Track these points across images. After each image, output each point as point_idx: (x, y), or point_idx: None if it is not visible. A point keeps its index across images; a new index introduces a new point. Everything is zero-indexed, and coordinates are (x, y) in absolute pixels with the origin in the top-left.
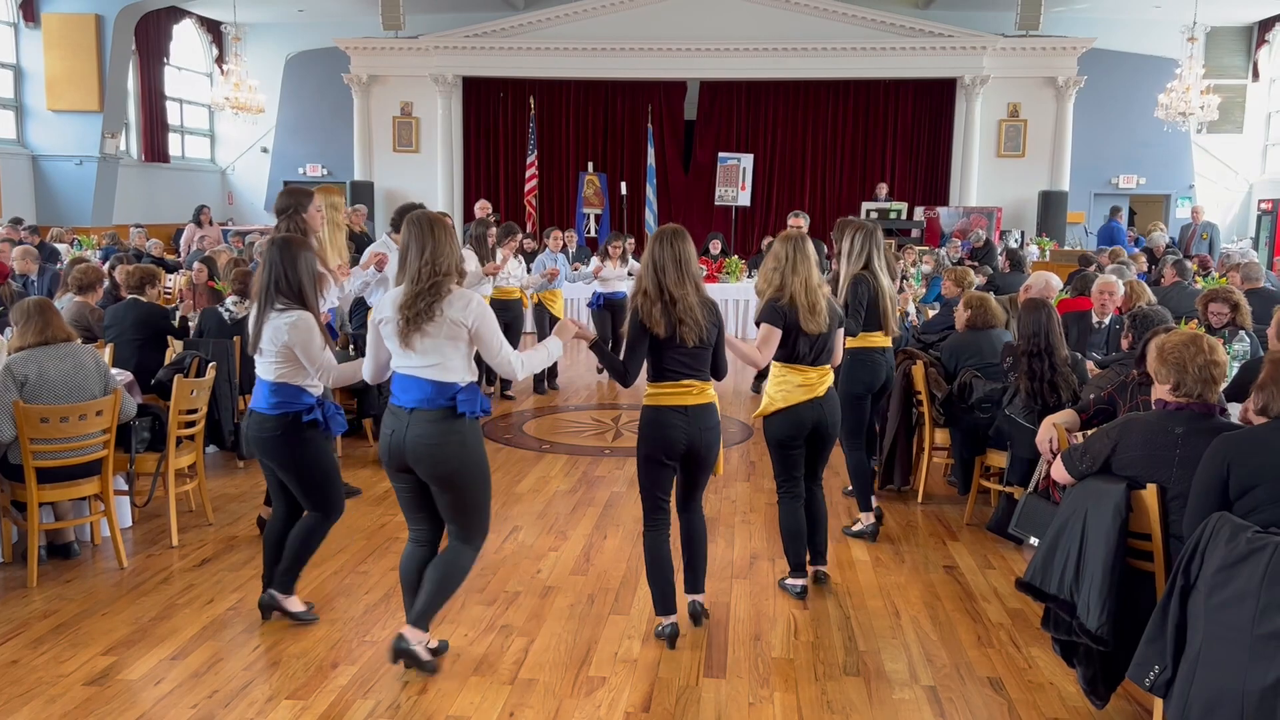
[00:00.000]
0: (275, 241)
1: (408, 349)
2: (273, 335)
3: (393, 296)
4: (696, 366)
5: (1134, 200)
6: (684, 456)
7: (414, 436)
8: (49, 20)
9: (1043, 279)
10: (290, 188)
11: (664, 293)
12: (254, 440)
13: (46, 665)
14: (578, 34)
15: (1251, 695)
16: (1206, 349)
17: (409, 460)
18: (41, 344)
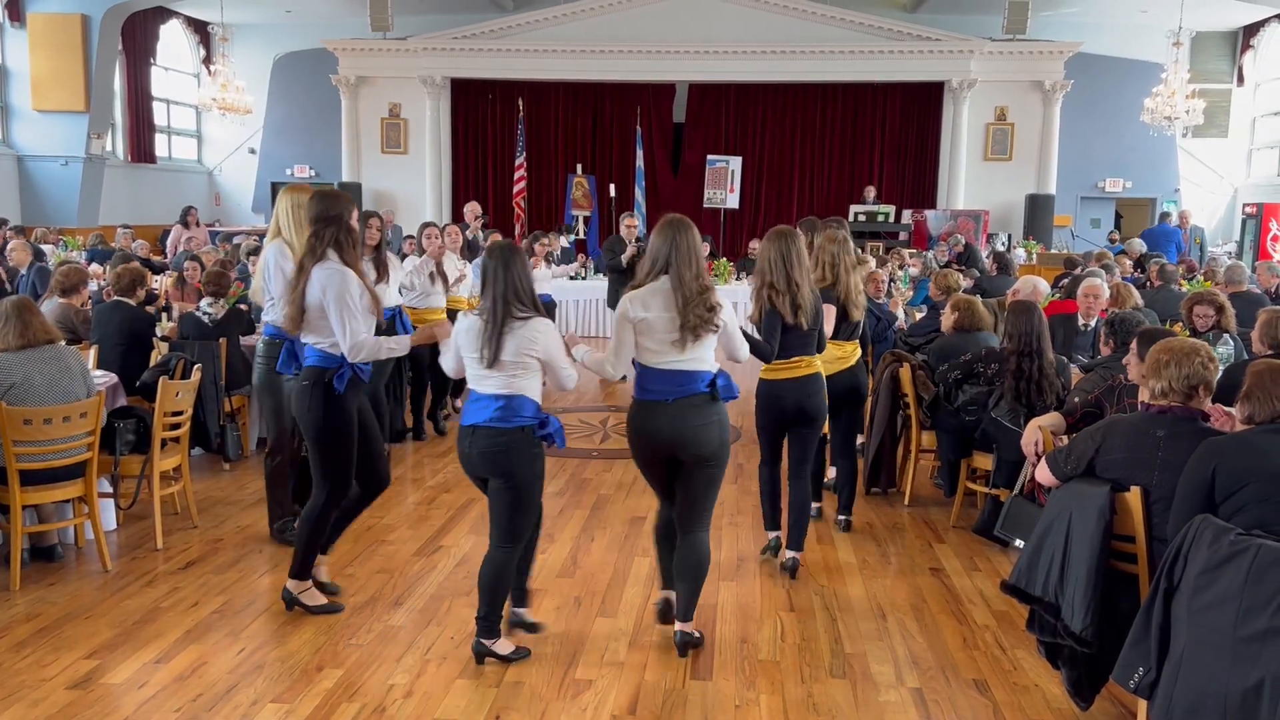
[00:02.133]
0: (500, 250)
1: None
2: (520, 345)
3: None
4: (807, 345)
5: (1120, 204)
6: (794, 420)
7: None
8: (34, 20)
9: (1030, 283)
10: (327, 192)
11: (791, 284)
12: (481, 456)
13: (29, 669)
14: (566, 36)
15: (1234, 697)
16: (1201, 356)
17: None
18: (23, 347)
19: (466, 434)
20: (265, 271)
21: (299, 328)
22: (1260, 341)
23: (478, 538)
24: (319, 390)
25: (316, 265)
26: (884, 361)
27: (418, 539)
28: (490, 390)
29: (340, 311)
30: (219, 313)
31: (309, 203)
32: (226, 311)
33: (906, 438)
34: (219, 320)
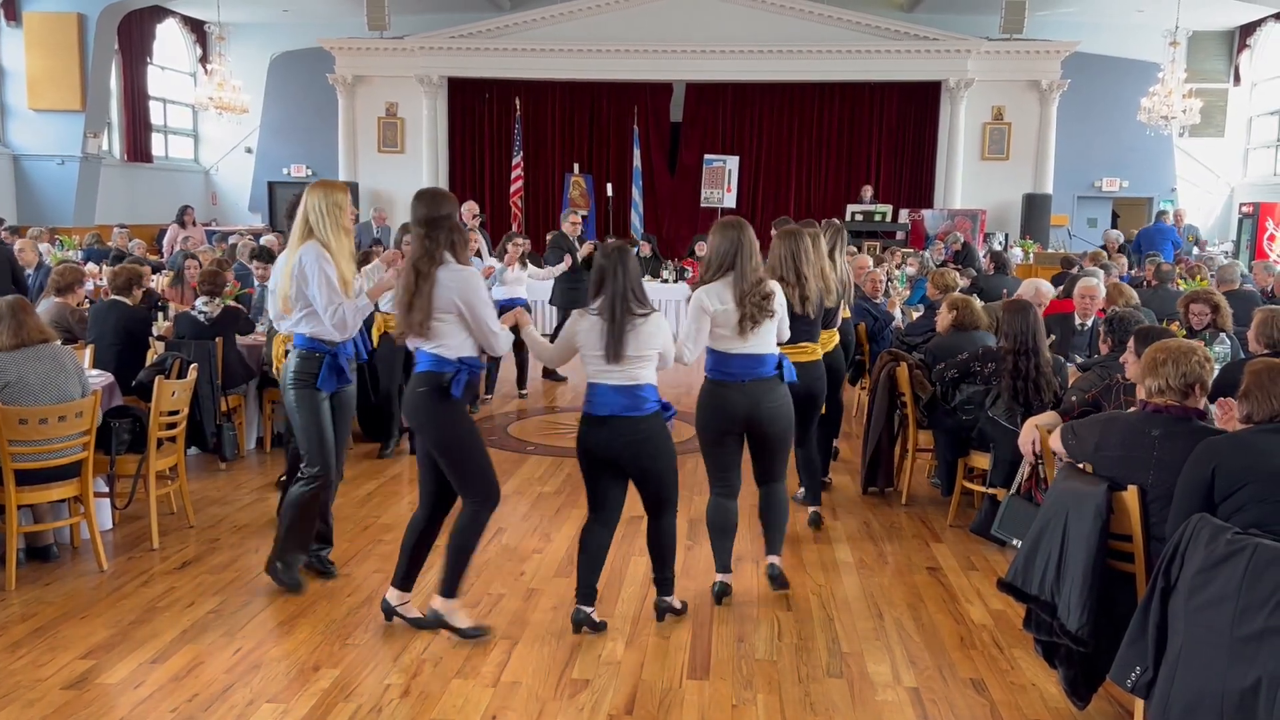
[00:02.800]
0: (616, 251)
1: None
2: (642, 341)
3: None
4: (811, 333)
5: (1117, 203)
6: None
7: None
8: (30, 19)
9: (1033, 287)
10: (432, 191)
11: (800, 277)
12: (626, 445)
13: (24, 669)
14: (563, 35)
15: (1231, 696)
16: (1198, 355)
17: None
18: (16, 346)
19: (598, 423)
20: (298, 276)
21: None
22: (1257, 340)
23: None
24: (438, 396)
25: (440, 269)
26: (881, 361)
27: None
28: (615, 382)
29: (481, 311)
30: (215, 312)
31: (415, 204)
32: (222, 311)
33: (904, 437)
34: (215, 319)
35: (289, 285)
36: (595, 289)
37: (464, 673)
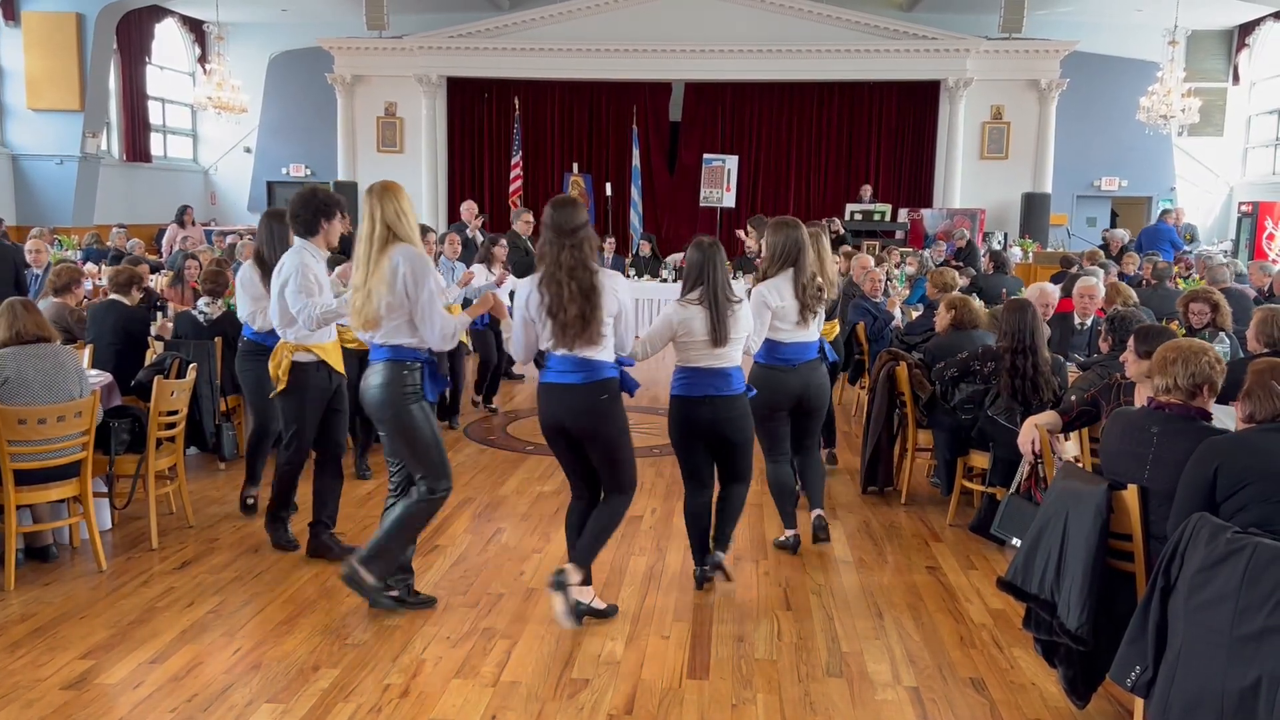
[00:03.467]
0: (710, 246)
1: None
2: (739, 325)
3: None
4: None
5: (1116, 202)
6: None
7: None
8: (29, 19)
9: (1038, 290)
10: (567, 199)
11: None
12: (729, 421)
13: (24, 669)
14: (563, 35)
15: (1231, 695)
16: (1209, 357)
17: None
18: (9, 341)
19: (697, 404)
20: (406, 283)
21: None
22: (1256, 339)
23: (473, 537)
24: (617, 400)
25: (601, 276)
26: (880, 360)
27: None
28: (714, 365)
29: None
30: (215, 313)
31: (554, 213)
32: (223, 312)
33: (903, 436)
34: (215, 320)
35: (385, 294)
36: (693, 281)
37: (463, 673)
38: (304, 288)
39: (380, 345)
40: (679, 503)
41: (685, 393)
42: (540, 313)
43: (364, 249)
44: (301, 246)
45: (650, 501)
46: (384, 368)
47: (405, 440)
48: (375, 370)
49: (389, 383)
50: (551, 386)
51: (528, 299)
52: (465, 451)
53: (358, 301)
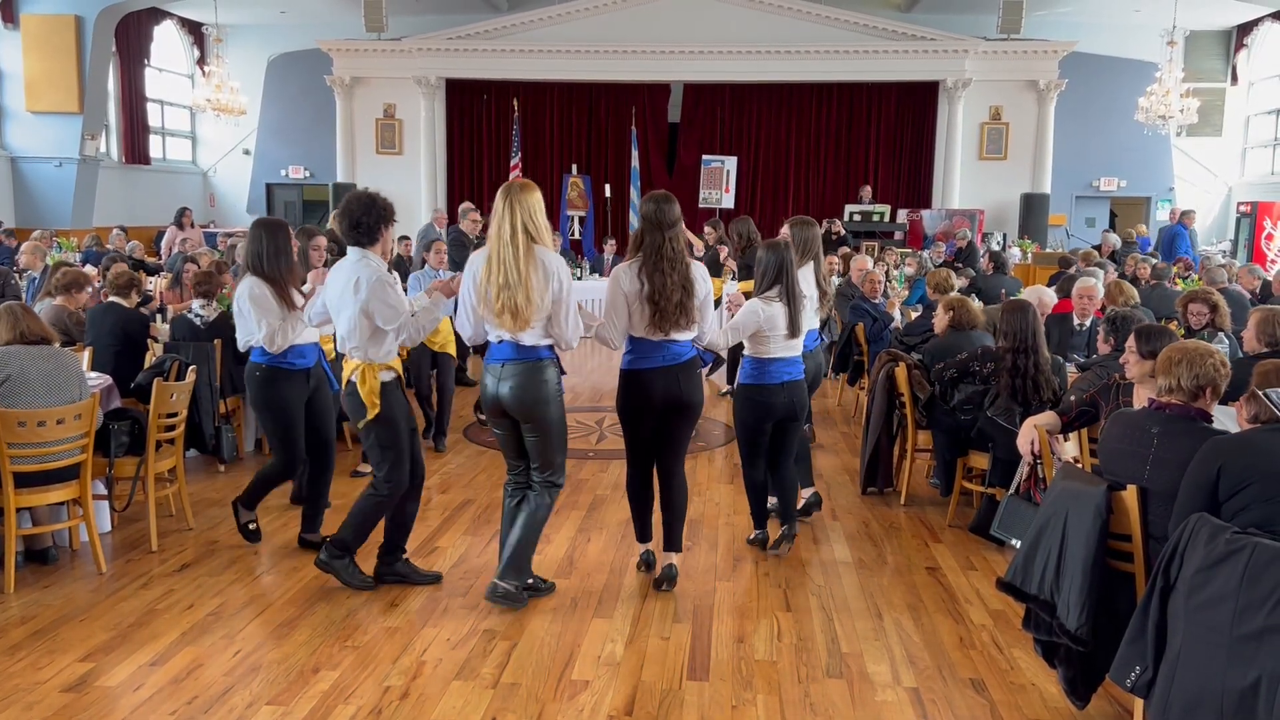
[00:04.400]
0: (785, 246)
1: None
2: (810, 319)
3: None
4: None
5: (1115, 203)
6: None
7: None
8: (28, 21)
9: (1035, 294)
10: (659, 194)
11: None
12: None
13: (23, 672)
14: (561, 36)
15: (1231, 695)
16: (1214, 359)
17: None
18: (11, 341)
19: (778, 390)
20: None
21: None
22: (1256, 339)
23: (473, 539)
24: (699, 376)
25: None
26: (880, 361)
27: (413, 540)
28: (789, 354)
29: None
30: (211, 315)
31: (655, 207)
32: (220, 314)
33: (902, 437)
34: (211, 322)
35: (544, 294)
36: (772, 280)
37: (463, 674)
38: (396, 302)
39: (529, 345)
40: None
41: (764, 380)
42: (640, 300)
43: (505, 248)
44: (363, 256)
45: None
46: (539, 366)
47: (554, 435)
48: (528, 369)
49: (548, 380)
50: (657, 370)
51: (621, 284)
52: (465, 453)
53: (515, 300)
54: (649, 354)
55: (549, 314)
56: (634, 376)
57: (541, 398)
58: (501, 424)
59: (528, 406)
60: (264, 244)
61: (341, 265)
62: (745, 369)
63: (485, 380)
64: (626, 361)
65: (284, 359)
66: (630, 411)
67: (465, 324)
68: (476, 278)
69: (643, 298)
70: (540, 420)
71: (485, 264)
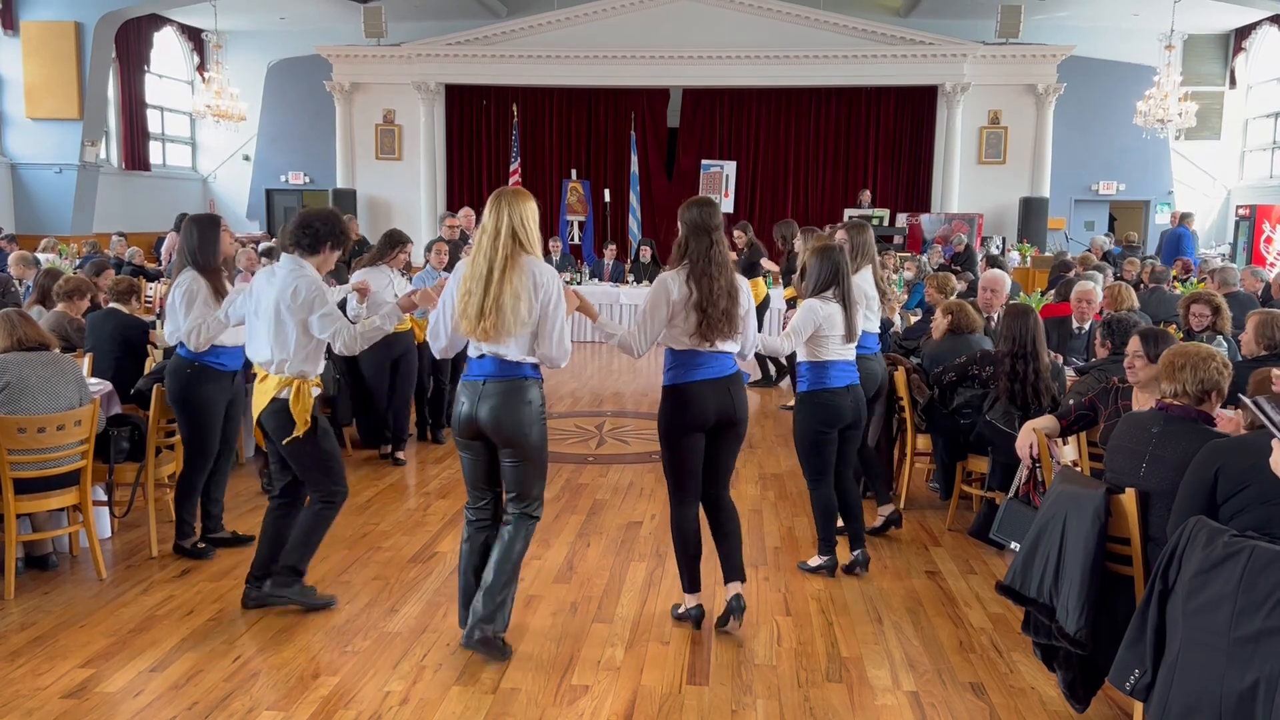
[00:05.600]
0: (841, 250)
1: None
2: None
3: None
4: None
5: (1114, 206)
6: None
7: None
8: (28, 28)
9: (992, 276)
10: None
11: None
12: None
13: (24, 678)
14: (560, 42)
15: (1229, 698)
16: (1217, 362)
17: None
18: (10, 348)
19: (843, 393)
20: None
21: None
22: (1256, 342)
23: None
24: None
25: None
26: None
27: (413, 545)
28: (848, 357)
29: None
30: None
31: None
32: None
33: (902, 441)
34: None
35: (526, 307)
36: (827, 281)
37: (463, 680)
38: (332, 311)
39: (512, 361)
40: None
41: (827, 384)
42: (687, 307)
43: (486, 256)
44: (300, 265)
45: (650, 508)
46: (523, 385)
47: (535, 462)
48: (511, 388)
49: (531, 401)
50: (708, 383)
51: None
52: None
53: (482, 308)
54: (698, 365)
55: (534, 329)
56: (683, 391)
57: (524, 419)
58: (472, 447)
59: (508, 429)
60: (201, 239)
61: (272, 272)
62: (805, 377)
63: (461, 397)
64: (671, 377)
65: (213, 358)
66: (679, 430)
67: (440, 332)
68: (456, 286)
69: (690, 305)
70: (521, 445)
71: (468, 266)
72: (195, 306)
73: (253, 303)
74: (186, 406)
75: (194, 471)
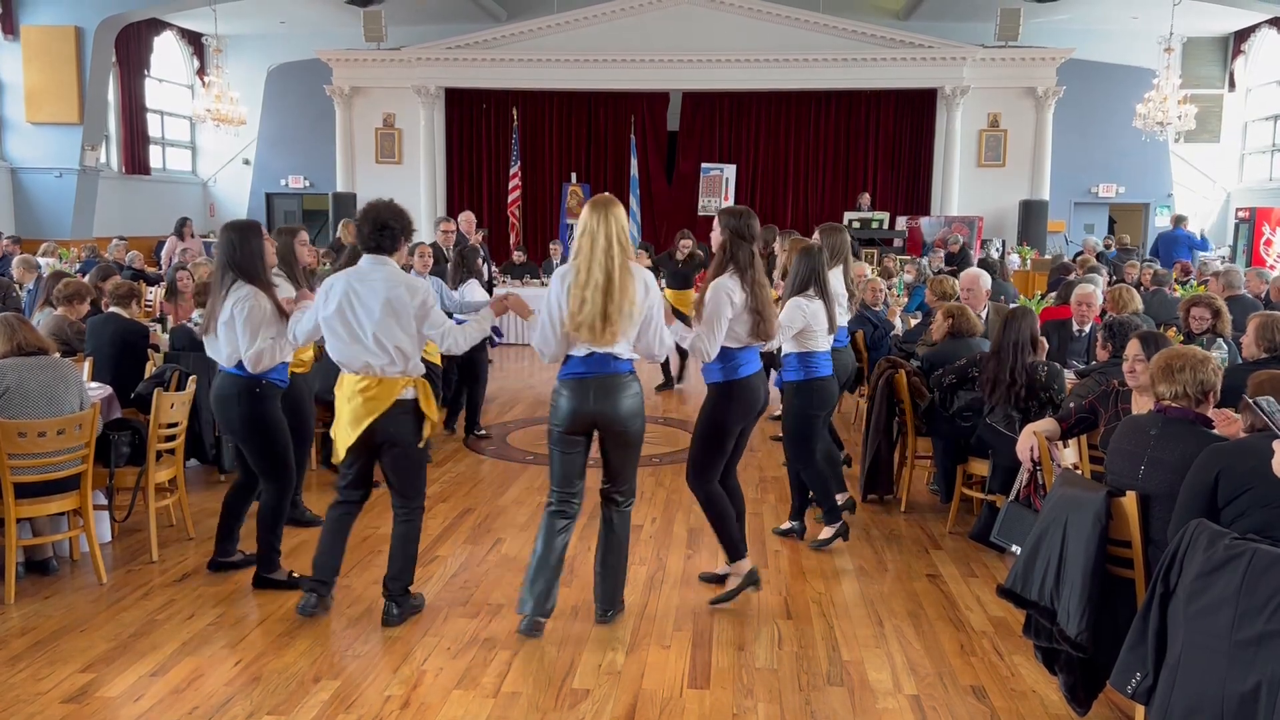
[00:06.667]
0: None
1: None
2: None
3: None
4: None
5: (1114, 209)
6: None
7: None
8: (28, 32)
9: (970, 275)
10: (739, 208)
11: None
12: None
13: (24, 683)
14: (560, 45)
15: (1231, 701)
16: (1212, 364)
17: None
18: (9, 353)
19: (831, 381)
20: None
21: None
22: (1256, 345)
23: (473, 547)
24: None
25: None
26: (879, 368)
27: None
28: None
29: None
30: None
31: (744, 221)
32: None
33: (903, 444)
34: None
35: (640, 308)
36: (806, 281)
37: (464, 683)
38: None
39: (619, 358)
40: (679, 511)
41: (818, 373)
42: (746, 310)
43: (600, 261)
44: (386, 264)
45: (650, 511)
46: (629, 380)
47: (636, 450)
48: (620, 382)
49: (637, 393)
50: (758, 375)
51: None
52: (465, 462)
53: (606, 314)
54: (747, 362)
55: (639, 327)
56: (743, 385)
57: (634, 411)
58: (577, 442)
59: (622, 421)
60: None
61: (365, 276)
62: (796, 369)
63: (566, 396)
64: (725, 374)
65: (276, 375)
66: (735, 421)
67: (549, 340)
68: (565, 291)
69: (749, 308)
70: (632, 434)
71: (576, 274)
72: (265, 327)
73: (341, 310)
74: (259, 428)
75: (280, 497)
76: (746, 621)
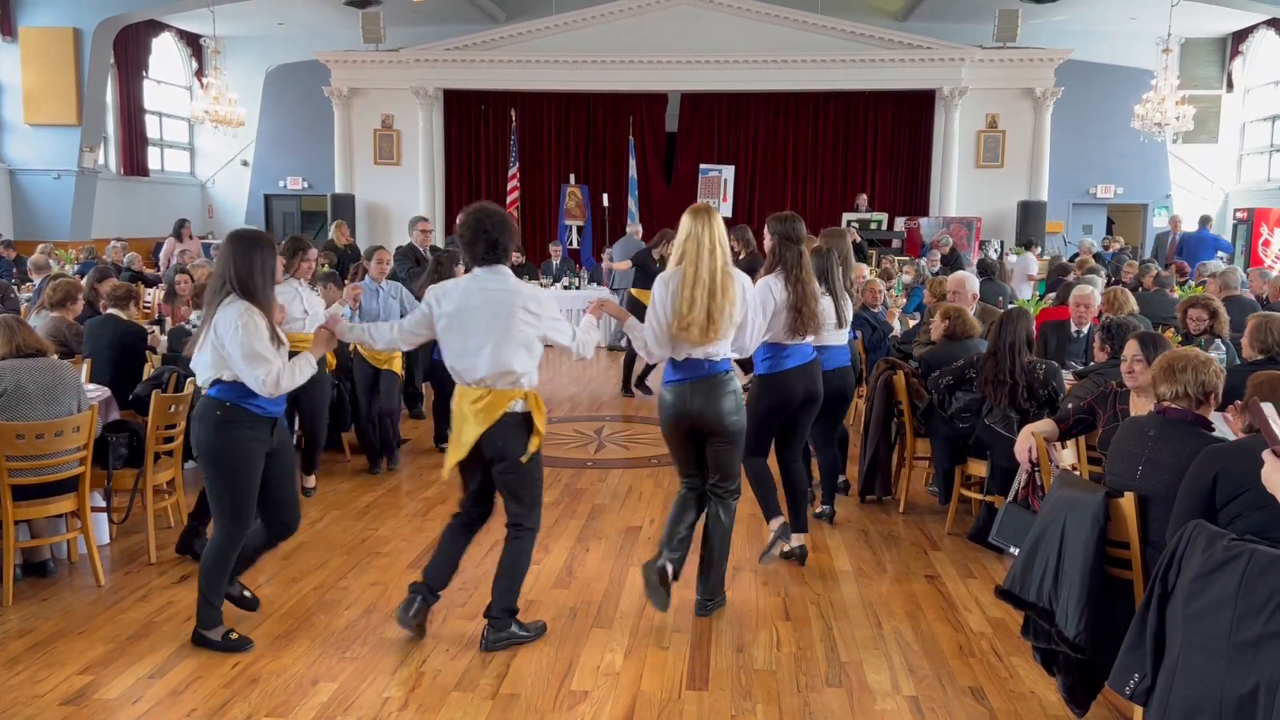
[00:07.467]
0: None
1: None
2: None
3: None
4: None
5: (1112, 210)
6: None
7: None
8: (26, 34)
9: (959, 278)
10: (785, 215)
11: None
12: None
13: (22, 685)
14: (559, 46)
15: (1229, 702)
16: (1214, 365)
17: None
18: (8, 355)
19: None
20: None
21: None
22: (1251, 346)
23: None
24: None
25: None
26: (878, 369)
27: (412, 550)
28: (842, 340)
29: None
30: None
31: (789, 224)
32: None
33: (901, 445)
34: None
35: (739, 313)
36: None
37: (462, 685)
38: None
39: (718, 359)
40: None
41: (826, 365)
42: (786, 307)
43: (710, 260)
44: (507, 272)
45: (649, 512)
46: (728, 379)
47: (740, 444)
48: (720, 382)
49: (735, 391)
50: (799, 369)
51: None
52: None
53: (711, 316)
54: (791, 355)
55: (737, 327)
56: (780, 378)
57: (736, 408)
58: (685, 443)
59: (726, 420)
60: (255, 262)
61: (487, 286)
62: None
63: (670, 398)
64: (766, 367)
65: (251, 400)
66: (772, 411)
67: (659, 342)
68: (672, 296)
69: (789, 305)
70: (735, 431)
71: (684, 276)
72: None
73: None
74: (219, 459)
75: (228, 545)
76: (745, 623)
